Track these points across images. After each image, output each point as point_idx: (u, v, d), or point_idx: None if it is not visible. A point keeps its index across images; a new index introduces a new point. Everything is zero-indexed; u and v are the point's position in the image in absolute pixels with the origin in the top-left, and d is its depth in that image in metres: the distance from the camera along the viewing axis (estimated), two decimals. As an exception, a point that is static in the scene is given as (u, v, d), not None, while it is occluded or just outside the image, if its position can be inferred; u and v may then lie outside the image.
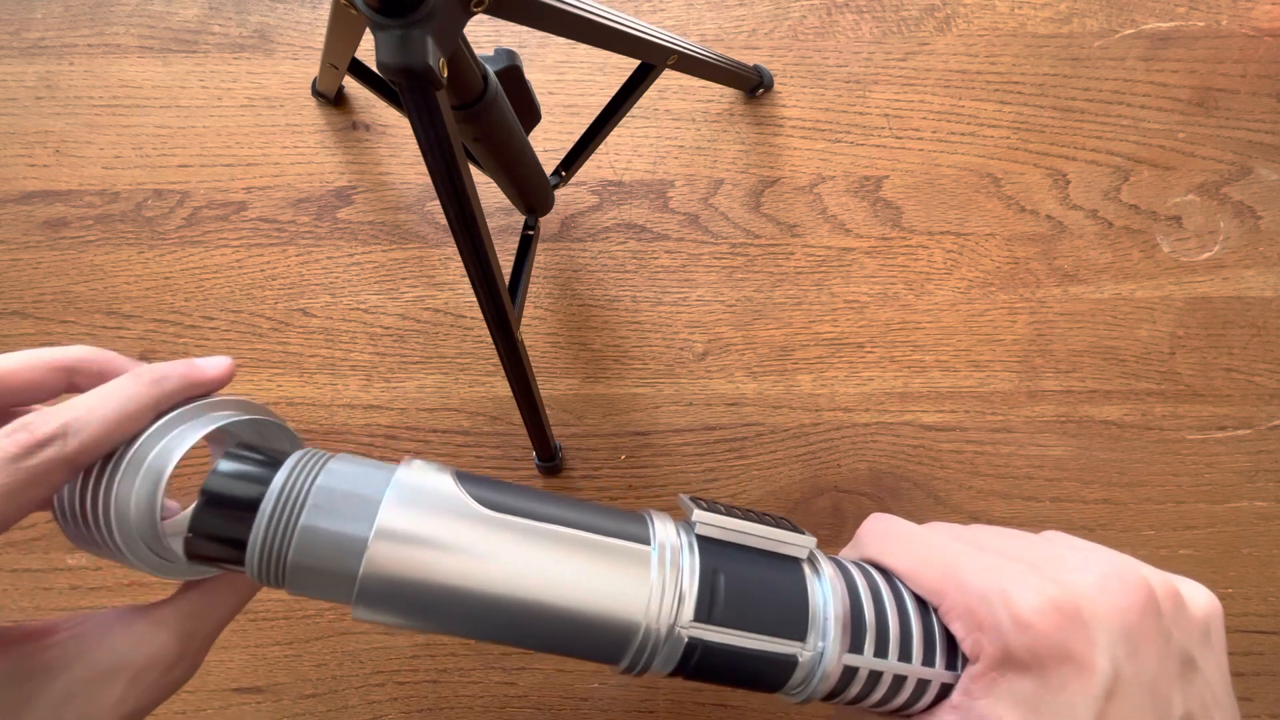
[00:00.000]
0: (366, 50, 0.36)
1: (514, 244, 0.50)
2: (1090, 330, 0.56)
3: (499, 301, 0.38)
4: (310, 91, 0.58)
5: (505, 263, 0.45)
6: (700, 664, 0.19)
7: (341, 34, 0.45)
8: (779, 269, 0.57)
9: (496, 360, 0.53)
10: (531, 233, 0.50)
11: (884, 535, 0.23)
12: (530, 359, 0.45)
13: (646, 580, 0.18)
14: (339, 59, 0.48)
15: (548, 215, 0.55)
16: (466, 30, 0.31)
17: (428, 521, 0.18)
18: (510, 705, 0.52)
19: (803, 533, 0.21)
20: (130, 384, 0.20)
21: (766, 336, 0.56)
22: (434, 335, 0.56)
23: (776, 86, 0.59)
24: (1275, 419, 0.55)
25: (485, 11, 0.30)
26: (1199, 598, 0.20)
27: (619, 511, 0.20)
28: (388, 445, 0.55)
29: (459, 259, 0.45)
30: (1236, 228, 0.57)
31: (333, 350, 0.56)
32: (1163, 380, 0.55)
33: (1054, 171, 0.57)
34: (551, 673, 0.52)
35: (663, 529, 0.20)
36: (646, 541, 0.19)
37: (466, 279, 0.54)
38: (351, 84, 0.58)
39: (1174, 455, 0.55)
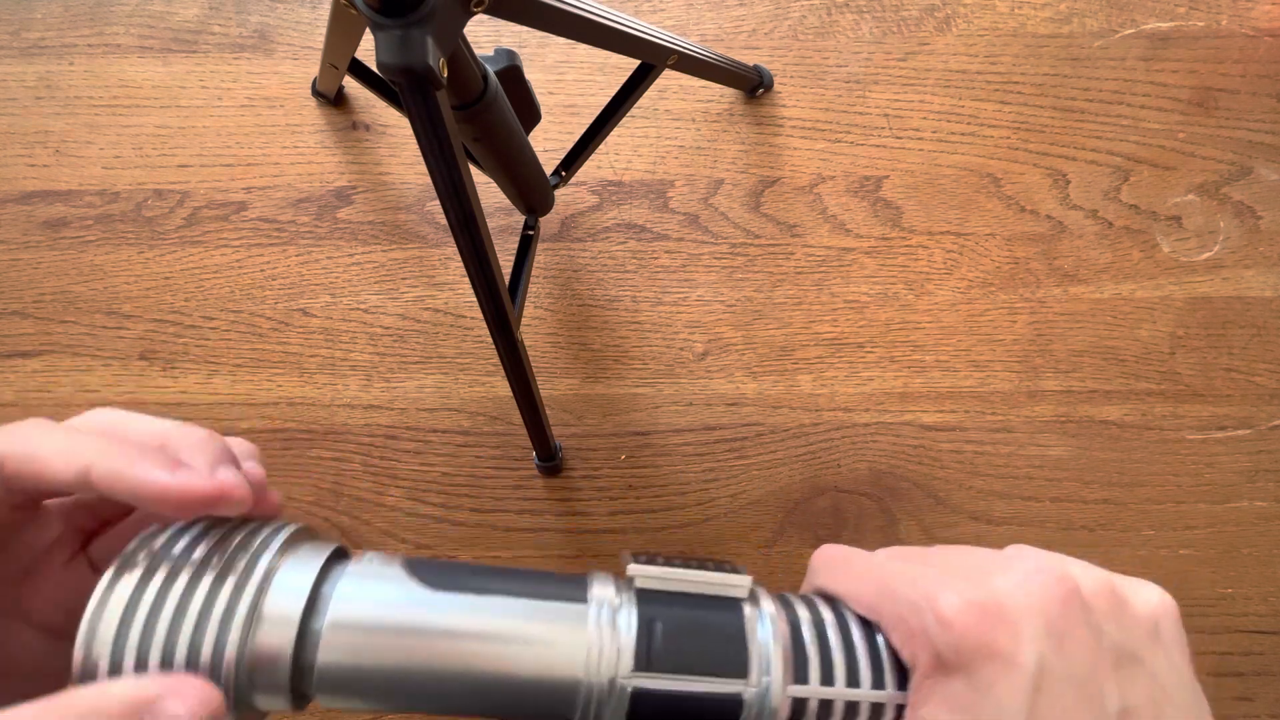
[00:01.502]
0: (366, 50, 0.36)
1: (514, 244, 0.50)
2: (1090, 330, 0.56)
3: (499, 301, 0.38)
4: (310, 91, 0.58)
5: (505, 263, 0.45)
6: (648, 713, 0.19)
7: (341, 34, 0.45)
8: (779, 269, 0.57)
9: (496, 360, 0.53)
10: (531, 233, 0.50)
11: (829, 563, 0.23)
12: (530, 359, 0.45)
13: (583, 638, 0.19)
14: (339, 59, 0.48)
15: (548, 215, 0.55)
16: (466, 30, 0.31)
17: (373, 612, 0.19)
18: (510, 705, 0.52)
19: (741, 572, 0.21)
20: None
21: (766, 336, 0.56)
22: (434, 335, 0.56)
23: (776, 86, 0.59)
24: (1275, 419, 0.55)
25: (485, 11, 0.30)
26: (1147, 596, 0.20)
27: (560, 576, 0.21)
28: (388, 445, 0.55)
29: (459, 259, 0.45)
30: (1236, 228, 0.57)
31: (333, 350, 0.56)
32: (1163, 380, 0.55)
33: (1054, 171, 0.57)
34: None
35: (600, 588, 0.20)
36: (584, 601, 0.20)
37: (466, 279, 0.54)
38: (351, 84, 0.58)
39: (1174, 455, 0.55)
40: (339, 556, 0.21)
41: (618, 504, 0.55)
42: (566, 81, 0.59)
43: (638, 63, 0.47)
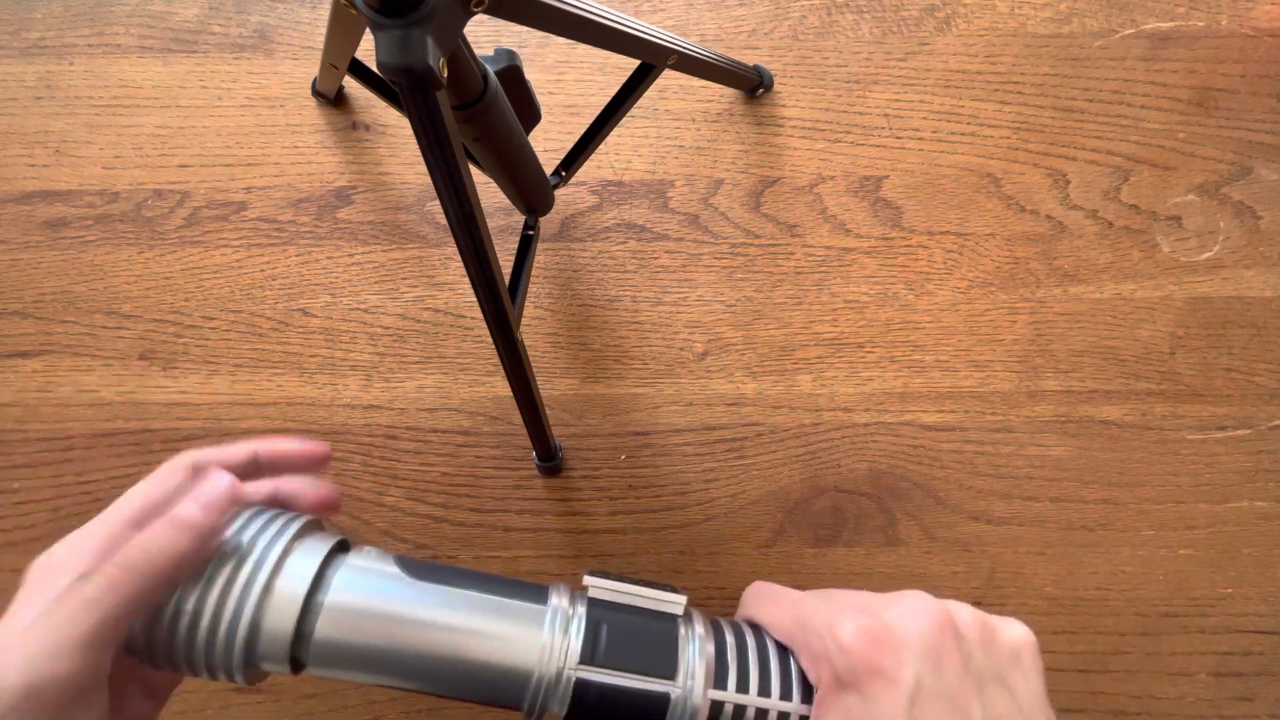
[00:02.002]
0: (366, 50, 0.36)
1: (514, 244, 0.50)
2: (1090, 330, 0.56)
3: (499, 301, 0.38)
4: (310, 91, 0.58)
5: (505, 263, 0.45)
6: (589, 703, 0.22)
7: (341, 34, 0.45)
8: (779, 269, 0.57)
9: (496, 360, 0.53)
10: (531, 233, 0.50)
11: (757, 596, 0.27)
12: (530, 359, 0.45)
13: (538, 635, 0.22)
14: (339, 59, 0.48)
15: (548, 215, 0.55)
16: (466, 30, 0.31)
17: (366, 598, 0.22)
18: (510, 705, 0.52)
19: (680, 594, 0.25)
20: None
21: (766, 336, 0.56)
22: (434, 335, 0.56)
23: (776, 86, 0.59)
24: (1275, 419, 0.55)
25: (485, 11, 0.30)
26: (1011, 631, 0.24)
27: (527, 584, 0.25)
28: (387, 445, 0.55)
29: (459, 259, 0.45)
30: (1236, 228, 0.57)
31: (333, 350, 0.56)
32: (1163, 380, 0.55)
33: (1054, 171, 0.57)
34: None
35: (557, 596, 0.24)
36: (544, 604, 0.23)
37: (466, 279, 0.54)
38: (351, 84, 0.58)
39: (1174, 455, 0.55)
40: (341, 548, 0.24)
41: (618, 504, 0.55)
42: (566, 81, 0.59)
43: (638, 63, 0.47)
